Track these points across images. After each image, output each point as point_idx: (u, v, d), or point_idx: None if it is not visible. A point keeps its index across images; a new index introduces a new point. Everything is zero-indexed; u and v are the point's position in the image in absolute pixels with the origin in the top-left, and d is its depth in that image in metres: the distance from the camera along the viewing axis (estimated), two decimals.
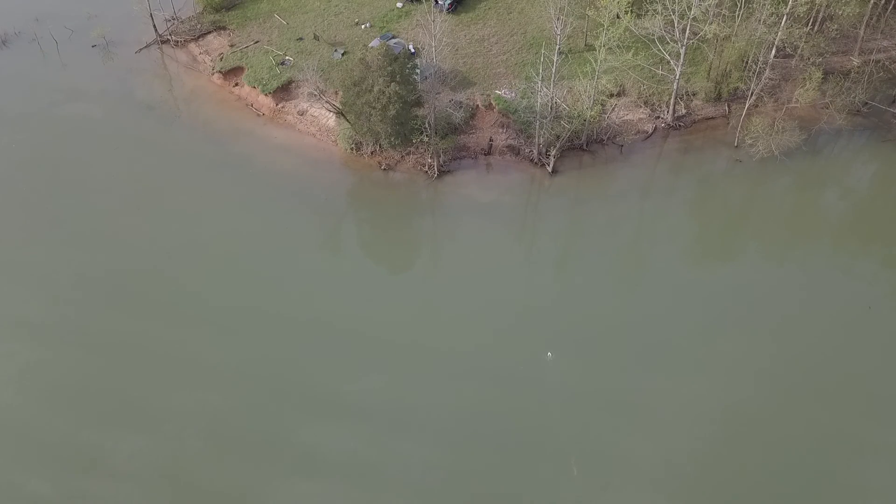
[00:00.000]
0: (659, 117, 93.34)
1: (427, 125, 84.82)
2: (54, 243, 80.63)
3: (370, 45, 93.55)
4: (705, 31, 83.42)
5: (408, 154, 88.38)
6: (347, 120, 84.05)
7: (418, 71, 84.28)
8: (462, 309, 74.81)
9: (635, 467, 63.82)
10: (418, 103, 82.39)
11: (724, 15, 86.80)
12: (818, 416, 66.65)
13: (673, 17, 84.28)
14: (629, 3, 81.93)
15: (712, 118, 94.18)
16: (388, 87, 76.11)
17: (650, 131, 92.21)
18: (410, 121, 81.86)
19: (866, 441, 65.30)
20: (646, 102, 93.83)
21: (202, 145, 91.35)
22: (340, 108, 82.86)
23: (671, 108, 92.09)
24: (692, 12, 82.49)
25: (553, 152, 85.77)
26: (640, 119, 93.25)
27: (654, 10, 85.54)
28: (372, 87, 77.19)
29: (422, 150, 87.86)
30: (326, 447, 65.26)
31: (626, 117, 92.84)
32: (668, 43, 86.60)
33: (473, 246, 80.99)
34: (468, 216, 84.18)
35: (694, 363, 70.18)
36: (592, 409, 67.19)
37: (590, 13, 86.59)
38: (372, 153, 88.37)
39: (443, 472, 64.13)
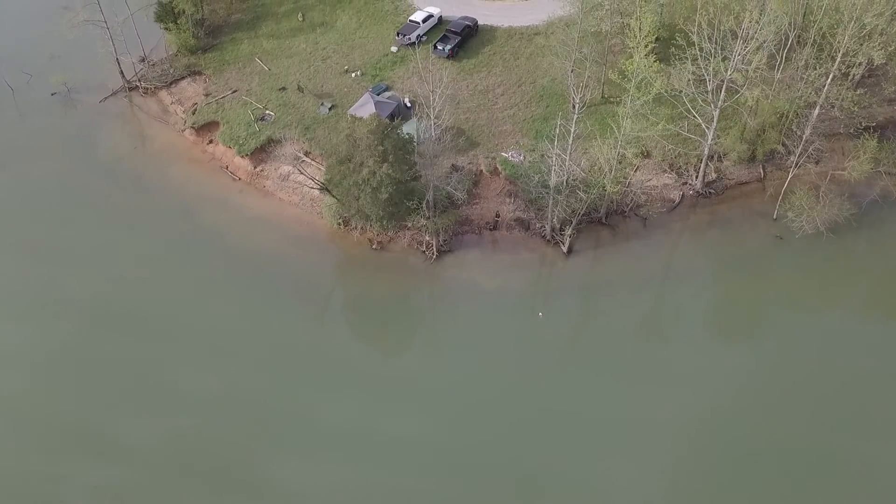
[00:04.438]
0: (686, 183, 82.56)
1: (426, 204, 73.61)
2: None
3: (350, 110, 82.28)
4: (746, 97, 72.48)
5: (403, 229, 77.59)
6: (334, 196, 73.11)
7: (415, 144, 72.84)
8: (460, 418, 65.25)
9: None
10: (415, 179, 71.43)
11: (762, 75, 75.71)
12: None
13: (706, 76, 73.45)
14: (658, 68, 70.44)
15: (746, 183, 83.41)
16: (379, 168, 65.08)
17: (677, 200, 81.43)
18: (405, 202, 70.71)
19: None
20: (671, 166, 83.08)
21: (168, 216, 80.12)
22: (325, 184, 71.71)
23: (701, 173, 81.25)
24: (729, 74, 71.71)
25: (568, 231, 75.03)
26: (666, 185, 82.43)
27: (684, 68, 74.73)
28: (361, 166, 66.17)
29: (419, 226, 77.01)
30: None
31: (649, 183, 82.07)
32: (698, 103, 75.78)
33: (475, 343, 70.21)
34: (471, 306, 73.18)
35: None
36: None
37: (612, 76, 75.50)
38: (362, 229, 77.44)
39: None
